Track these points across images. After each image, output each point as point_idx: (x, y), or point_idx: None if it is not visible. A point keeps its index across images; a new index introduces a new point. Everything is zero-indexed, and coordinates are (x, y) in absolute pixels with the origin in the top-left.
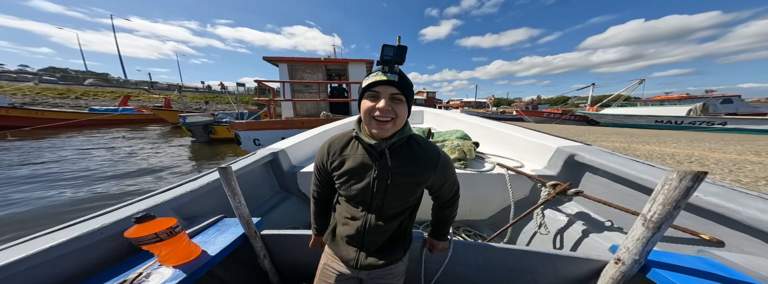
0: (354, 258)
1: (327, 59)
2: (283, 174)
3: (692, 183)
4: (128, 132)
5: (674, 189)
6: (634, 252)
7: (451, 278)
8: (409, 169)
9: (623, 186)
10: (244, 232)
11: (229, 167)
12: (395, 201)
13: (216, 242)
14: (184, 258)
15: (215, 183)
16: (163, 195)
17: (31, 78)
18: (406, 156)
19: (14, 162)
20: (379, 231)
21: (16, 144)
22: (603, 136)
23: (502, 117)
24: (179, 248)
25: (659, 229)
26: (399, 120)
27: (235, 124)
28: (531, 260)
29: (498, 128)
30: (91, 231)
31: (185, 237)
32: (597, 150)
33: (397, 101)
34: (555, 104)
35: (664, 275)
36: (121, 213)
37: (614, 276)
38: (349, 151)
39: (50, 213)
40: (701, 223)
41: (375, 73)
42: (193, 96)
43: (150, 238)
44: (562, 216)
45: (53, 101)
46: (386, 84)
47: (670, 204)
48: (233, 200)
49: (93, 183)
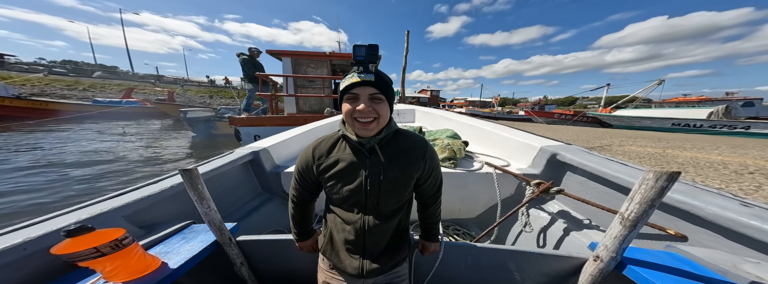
0: (358, 267)
1: (332, 54)
2: (265, 174)
3: (667, 183)
4: (128, 126)
5: (650, 189)
6: (612, 250)
7: (441, 279)
8: (400, 161)
9: (599, 184)
10: (216, 239)
11: (194, 169)
12: (391, 197)
13: (180, 251)
14: (137, 273)
15: (180, 187)
16: (110, 202)
17: (42, 69)
18: (396, 150)
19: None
20: (379, 232)
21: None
22: (628, 140)
23: (509, 117)
24: (130, 262)
25: (635, 227)
26: (382, 119)
27: (235, 120)
28: (517, 259)
29: (487, 128)
30: (10, 247)
31: (138, 249)
32: (577, 149)
33: (377, 101)
34: (563, 105)
35: (639, 271)
36: (54, 224)
37: (593, 273)
38: (336, 152)
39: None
40: (667, 219)
41: (350, 74)
42: (198, 90)
43: (87, 254)
44: (545, 215)
45: (61, 93)
46: (363, 84)
47: (646, 203)
48: (201, 205)
49: (73, 179)
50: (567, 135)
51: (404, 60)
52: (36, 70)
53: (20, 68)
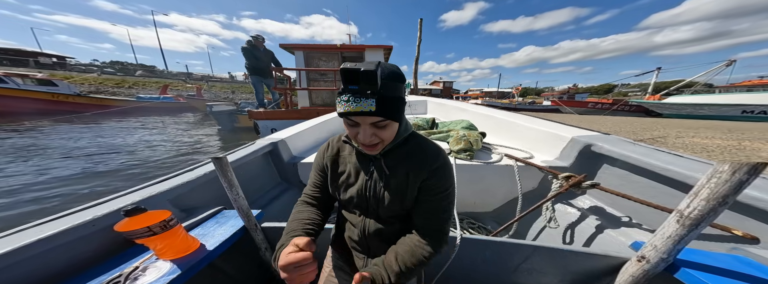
0: (363, 265)
1: (343, 45)
2: (284, 164)
3: (748, 176)
4: (168, 117)
5: (724, 183)
6: (663, 251)
7: (455, 273)
8: (405, 169)
9: (645, 178)
10: (244, 225)
11: (224, 158)
12: (391, 204)
13: (215, 234)
14: (181, 252)
15: (213, 174)
16: (157, 186)
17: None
18: (403, 155)
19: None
20: (382, 236)
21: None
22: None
23: (532, 108)
24: (175, 241)
25: (697, 227)
26: (387, 140)
27: (254, 113)
28: (542, 256)
29: (506, 118)
30: (82, 223)
31: (181, 231)
32: (617, 139)
33: (380, 127)
34: (596, 93)
35: (695, 275)
36: (113, 205)
37: (635, 274)
38: (343, 154)
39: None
40: (734, 218)
41: (345, 98)
42: (222, 86)
43: (142, 232)
44: (574, 210)
45: (111, 90)
46: (362, 114)
47: (716, 199)
48: (231, 192)
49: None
50: (606, 126)
51: (417, 50)
52: (91, 70)
53: (79, 69)
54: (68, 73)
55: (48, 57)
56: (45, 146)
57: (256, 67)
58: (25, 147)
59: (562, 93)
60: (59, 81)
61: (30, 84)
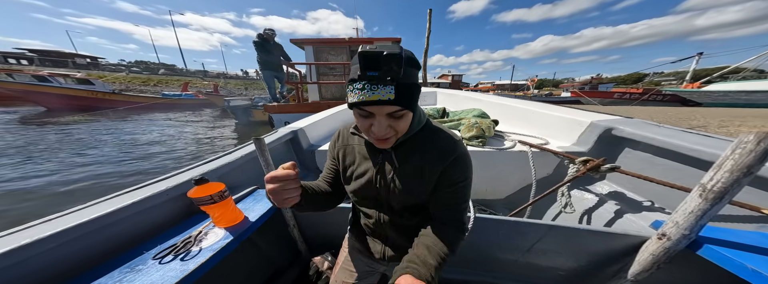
0: (380, 251)
1: (351, 39)
2: (303, 152)
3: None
4: (189, 113)
5: (748, 154)
6: (684, 227)
7: (470, 252)
8: (418, 161)
9: (670, 161)
10: None
11: (262, 139)
12: (403, 197)
13: (254, 210)
14: (232, 221)
15: (248, 156)
16: (209, 164)
17: (123, 69)
18: (416, 147)
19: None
20: (397, 228)
21: (118, 123)
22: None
23: (549, 100)
24: (228, 211)
25: (721, 200)
26: (402, 132)
27: (269, 107)
28: (556, 235)
29: (520, 105)
30: (159, 192)
31: (231, 202)
32: (640, 122)
33: (396, 118)
34: (623, 83)
35: (719, 251)
36: (180, 178)
37: (656, 252)
38: (353, 143)
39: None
40: (764, 197)
41: (359, 85)
42: (235, 83)
43: (206, 199)
44: (591, 196)
45: (139, 88)
46: (379, 104)
47: (740, 170)
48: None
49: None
50: (635, 116)
51: (426, 42)
52: (120, 69)
53: (109, 68)
54: (101, 72)
55: (83, 58)
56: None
57: (268, 60)
58: (81, 137)
59: (583, 83)
60: (95, 80)
61: (71, 83)
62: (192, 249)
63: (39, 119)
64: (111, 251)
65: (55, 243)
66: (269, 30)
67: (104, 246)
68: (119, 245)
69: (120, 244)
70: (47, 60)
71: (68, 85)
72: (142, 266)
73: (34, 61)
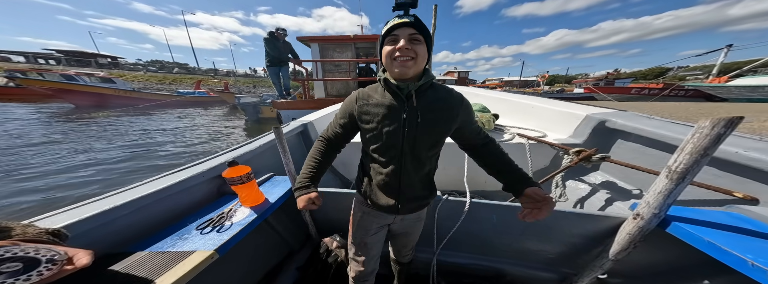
0: (395, 205)
1: (356, 36)
2: (312, 144)
3: (725, 129)
4: (201, 109)
5: (705, 137)
6: (654, 206)
7: (464, 235)
8: (437, 107)
9: (659, 150)
10: (291, 187)
11: (281, 128)
12: (426, 141)
13: (272, 193)
14: (255, 201)
15: (266, 145)
16: (235, 151)
17: (141, 68)
18: (433, 97)
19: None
20: (413, 175)
21: (140, 118)
22: (760, 114)
23: (561, 96)
24: (253, 192)
25: (683, 180)
26: (420, 58)
27: (278, 104)
28: (546, 218)
29: (520, 100)
30: (197, 174)
31: (255, 184)
32: (632, 115)
33: (415, 41)
34: (644, 78)
35: (685, 228)
36: (212, 163)
37: (631, 231)
38: (377, 98)
39: None
40: (737, 181)
41: (392, 19)
42: (244, 81)
43: (237, 180)
44: (585, 186)
45: (155, 86)
46: (403, 26)
47: (698, 152)
48: (284, 157)
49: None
50: (652, 112)
51: (431, 38)
52: (138, 68)
53: (128, 68)
54: (121, 71)
55: (104, 57)
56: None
57: (276, 57)
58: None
59: (598, 79)
60: (116, 78)
61: (95, 81)
62: (225, 223)
63: (69, 115)
64: (164, 221)
65: (126, 211)
66: (281, 30)
67: (159, 217)
68: (170, 217)
69: (171, 216)
70: (72, 60)
71: (93, 83)
72: (188, 235)
73: (61, 61)
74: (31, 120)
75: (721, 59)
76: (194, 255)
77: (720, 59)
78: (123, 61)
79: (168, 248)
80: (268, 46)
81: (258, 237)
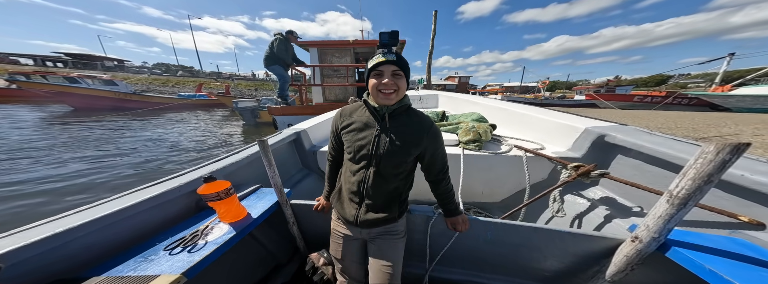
0: (355, 215)
1: (355, 41)
2: (305, 152)
3: (730, 156)
4: (202, 113)
5: (708, 163)
6: (654, 230)
7: (458, 251)
8: (405, 130)
9: (657, 167)
10: (278, 200)
11: (266, 140)
12: (391, 159)
13: (257, 207)
14: (236, 217)
15: (253, 157)
16: (217, 164)
17: (146, 71)
18: (404, 121)
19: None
20: (376, 187)
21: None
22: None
23: (562, 103)
24: (232, 207)
25: (685, 206)
26: (400, 91)
27: (273, 109)
28: (540, 237)
29: (518, 110)
30: (172, 188)
31: (236, 199)
32: (633, 130)
33: (397, 76)
34: (645, 85)
35: (685, 253)
36: (191, 176)
37: (629, 254)
38: (357, 115)
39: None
40: (742, 205)
41: (377, 56)
42: (246, 84)
43: (213, 196)
44: (583, 201)
45: (158, 88)
46: (387, 63)
47: (702, 178)
48: (269, 170)
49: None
50: (657, 122)
51: (431, 43)
52: (143, 71)
53: (133, 71)
54: (126, 74)
55: (111, 60)
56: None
57: (284, 58)
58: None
59: (599, 86)
60: (119, 81)
61: (97, 84)
62: (198, 242)
63: (64, 118)
64: (130, 240)
65: (84, 232)
66: (293, 32)
67: (123, 236)
68: (137, 236)
69: (138, 235)
70: (79, 63)
71: (94, 86)
72: (154, 256)
73: (68, 64)
74: (21, 122)
75: (724, 67)
76: (158, 279)
77: (723, 67)
78: (129, 64)
79: (129, 272)
80: (281, 46)
81: (241, 249)
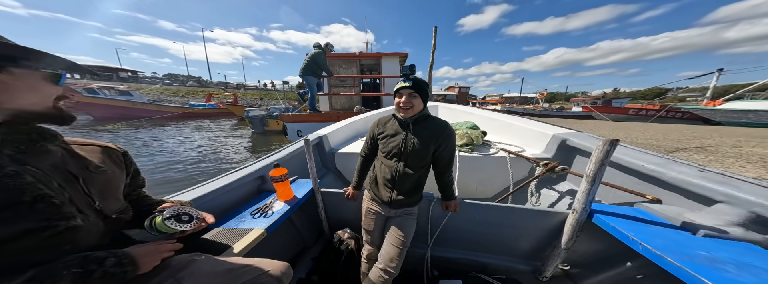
0: (389, 196)
1: (361, 54)
2: (325, 154)
3: (610, 147)
4: (210, 122)
5: (600, 152)
6: (582, 201)
7: (454, 230)
8: (426, 133)
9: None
10: (312, 188)
11: (309, 139)
12: (416, 155)
13: (298, 191)
14: (287, 197)
15: (293, 153)
16: (272, 157)
17: (158, 81)
18: (424, 126)
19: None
20: (406, 177)
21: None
22: (750, 140)
23: (560, 114)
24: (286, 189)
25: (594, 182)
26: (415, 107)
27: (285, 117)
28: (515, 215)
29: (505, 119)
30: (249, 173)
31: (289, 183)
32: (587, 136)
33: (412, 96)
34: (643, 98)
35: (604, 219)
36: (254, 166)
37: (572, 223)
38: (390, 124)
39: None
40: (647, 187)
41: (399, 81)
42: (253, 93)
43: (278, 178)
44: (554, 193)
45: (169, 98)
46: (405, 88)
47: (599, 162)
48: (309, 162)
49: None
50: (647, 133)
51: (431, 57)
52: (155, 82)
53: (146, 81)
54: (139, 84)
55: (125, 72)
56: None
57: (320, 69)
58: None
59: (595, 98)
60: (133, 91)
61: (114, 94)
62: (268, 212)
63: (87, 126)
64: (229, 208)
65: (206, 199)
66: (329, 44)
67: (223, 205)
68: (229, 206)
69: (230, 205)
70: (96, 74)
71: (112, 96)
72: (245, 219)
73: (85, 76)
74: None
75: (713, 82)
76: (253, 232)
77: (712, 82)
78: (141, 74)
79: (233, 226)
80: (319, 58)
81: (282, 231)
